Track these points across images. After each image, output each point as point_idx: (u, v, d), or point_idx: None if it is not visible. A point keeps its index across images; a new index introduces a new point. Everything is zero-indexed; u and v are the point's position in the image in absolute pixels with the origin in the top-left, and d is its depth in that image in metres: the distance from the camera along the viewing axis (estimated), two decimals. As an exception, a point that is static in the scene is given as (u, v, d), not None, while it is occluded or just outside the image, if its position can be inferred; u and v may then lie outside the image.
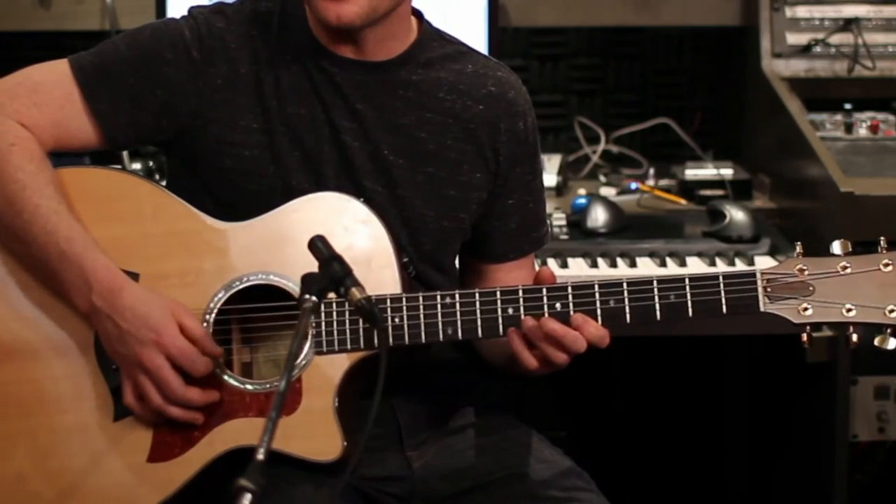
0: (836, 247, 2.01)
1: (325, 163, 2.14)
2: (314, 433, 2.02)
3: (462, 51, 2.24)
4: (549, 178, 3.24)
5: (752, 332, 2.97)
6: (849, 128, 3.21)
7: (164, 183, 2.23)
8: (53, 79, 2.12)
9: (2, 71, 2.18)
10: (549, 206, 3.06)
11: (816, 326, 1.97)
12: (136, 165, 3.25)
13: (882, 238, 2.01)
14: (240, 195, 2.13)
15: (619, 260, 2.92)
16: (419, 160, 2.17)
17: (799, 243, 2.04)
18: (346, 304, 2.00)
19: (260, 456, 1.60)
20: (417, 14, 2.21)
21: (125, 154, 3.23)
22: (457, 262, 2.30)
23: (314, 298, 1.79)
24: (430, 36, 2.21)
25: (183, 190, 2.17)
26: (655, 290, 2.01)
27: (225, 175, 2.13)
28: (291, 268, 2.04)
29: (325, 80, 2.13)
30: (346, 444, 2.01)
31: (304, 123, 2.13)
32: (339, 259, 1.84)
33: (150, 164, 3.28)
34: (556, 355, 2.01)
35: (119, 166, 3.17)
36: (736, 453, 3.53)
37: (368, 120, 2.14)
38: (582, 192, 3.25)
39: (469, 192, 2.20)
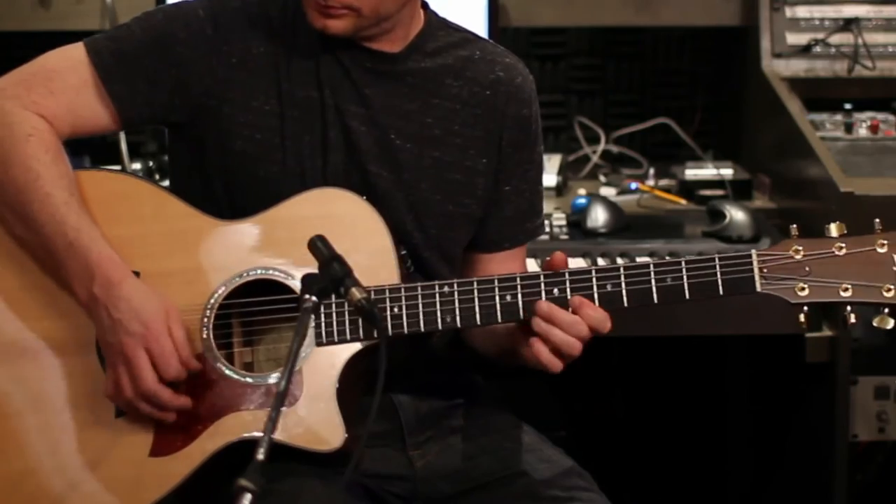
0: (832, 229, 2.01)
1: (332, 148, 2.14)
2: (315, 424, 2.03)
3: (468, 38, 2.26)
4: (549, 178, 3.24)
5: (752, 332, 2.97)
6: (849, 128, 3.21)
7: (164, 183, 2.23)
8: (69, 65, 2.13)
9: (2, 71, 2.18)
10: (549, 206, 3.06)
11: (817, 325, 1.97)
12: (136, 165, 3.26)
13: (877, 220, 2.00)
14: (247, 180, 2.13)
15: (619, 260, 2.92)
16: (426, 145, 2.18)
17: (794, 226, 2.04)
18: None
19: (260, 455, 1.60)
20: (423, 4, 2.22)
21: (125, 154, 3.23)
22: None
23: (314, 298, 1.79)
24: (436, 25, 2.23)
25: (188, 179, 2.18)
26: (652, 273, 2.02)
27: (234, 158, 2.13)
28: (291, 263, 2.06)
29: (335, 63, 2.14)
30: (347, 435, 2.02)
31: (313, 108, 2.14)
32: (338, 259, 1.85)
33: (150, 164, 3.29)
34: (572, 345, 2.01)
35: (119, 167, 3.17)
36: (736, 453, 3.53)
37: (376, 105, 2.15)
38: (582, 192, 3.25)
39: (475, 178, 2.21)
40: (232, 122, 2.13)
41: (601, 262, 2.91)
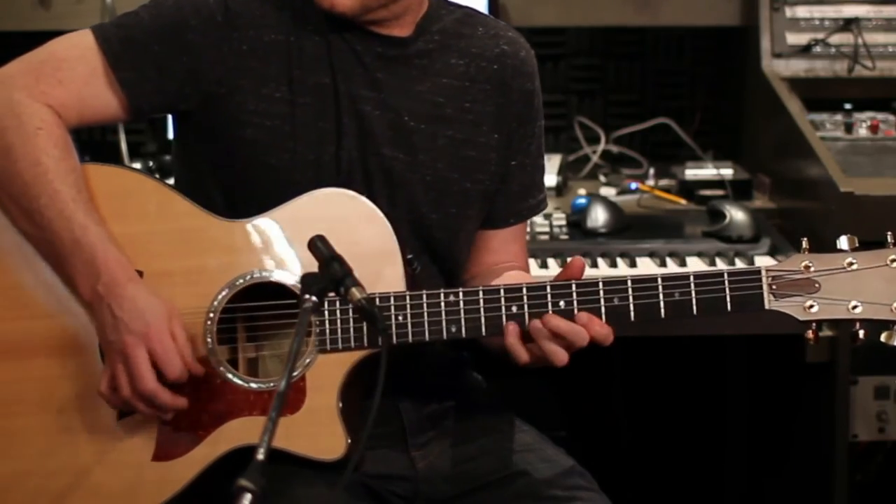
0: (843, 242, 1.99)
1: (345, 134, 2.14)
2: (318, 432, 2.02)
3: (469, 13, 2.27)
4: (549, 178, 3.25)
5: (752, 332, 2.97)
6: (849, 128, 3.21)
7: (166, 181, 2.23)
8: (77, 53, 2.11)
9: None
10: (549, 206, 3.05)
11: (820, 325, 1.96)
12: (136, 165, 3.25)
13: (889, 233, 1.99)
14: (257, 169, 2.12)
15: (619, 260, 2.92)
16: (439, 124, 2.18)
17: (805, 239, 2.02)
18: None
19: (260, 456, 1.60)
20: None
21: (125, 154, 3.23)
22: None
23: (314, 298, 1.79)
24: (437, 5, 2.23)
25: (196, 170, 2.17)
26: (660, 287, 2.01)
27: (245, 147, 2.12)
28: (296, 265, 2.05)
29: (347, 49, 2.14)
30: (349, 442, 2.01)
31: (326, 94, 2.13)
32: (338, 259, 1.84)
33: (150, 164, 3.28)
34: (558, 353, 2.00)
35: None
36: (736, 453, 3.53)
37: (387, 88, 2.15)
38: (582, 192, 3.25)
39: (488, 153, 2.22)
40: (242, 111, 2.12)
41: (601, 262, 2.91)
